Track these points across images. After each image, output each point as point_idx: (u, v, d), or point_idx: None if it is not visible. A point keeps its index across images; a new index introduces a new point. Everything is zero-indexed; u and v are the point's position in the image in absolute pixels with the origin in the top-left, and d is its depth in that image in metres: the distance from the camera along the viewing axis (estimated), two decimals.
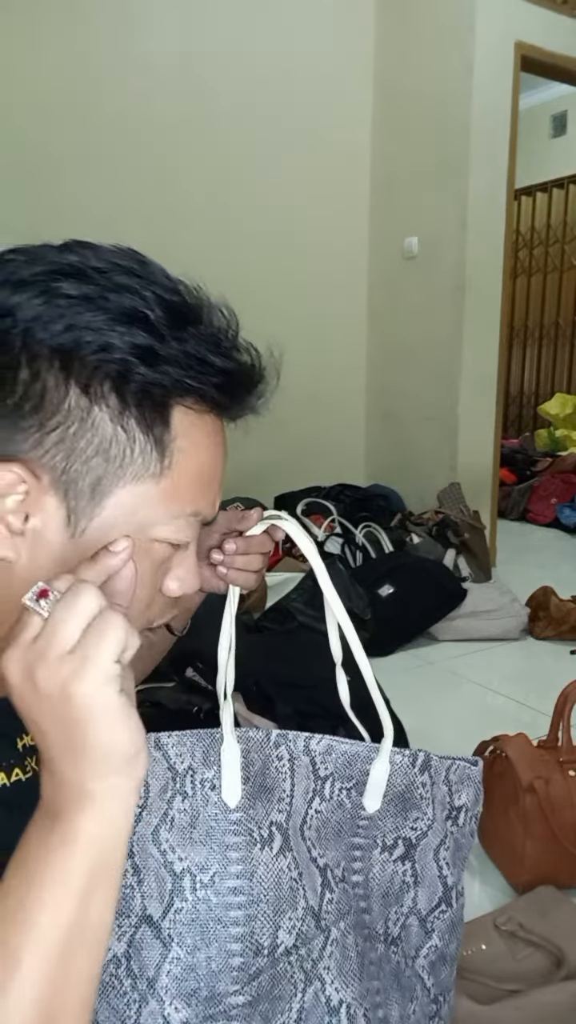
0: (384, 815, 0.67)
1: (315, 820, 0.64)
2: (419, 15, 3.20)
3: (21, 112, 2.65)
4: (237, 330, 0.51)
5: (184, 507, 0.49)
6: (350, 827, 0.66)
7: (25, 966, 0.39)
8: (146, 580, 0.49)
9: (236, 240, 3.20)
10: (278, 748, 0.64)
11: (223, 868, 0.59)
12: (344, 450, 3.73)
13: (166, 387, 0.46)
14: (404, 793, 0.67)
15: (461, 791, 0.71)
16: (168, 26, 2.92)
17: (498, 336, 3.28)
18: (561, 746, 1.32)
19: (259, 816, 0.62)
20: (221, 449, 0.53)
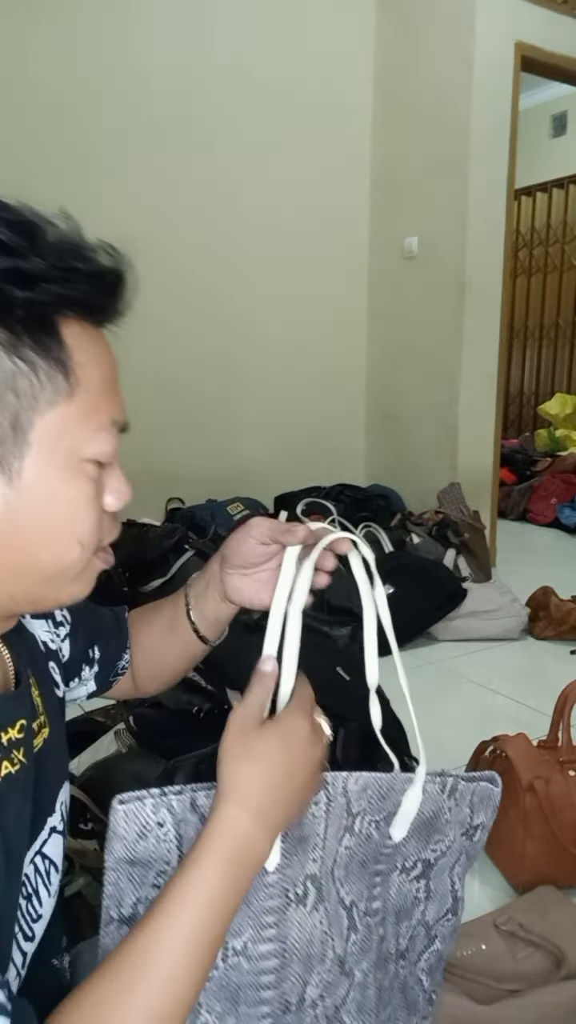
0: (407, 840, 0.65)
1: (344, 857, 0.62)
2: (419, 15, 3.20)
3: (21, 112, 2.65)
4: (82, 233, 0.50)
5: (103, 419, 0.50)
6: (374, 856, 0.64)
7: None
8: (93, 502, 0.50)
9: (236, 240, 3.20)
10: (317, 793, 0.61)
11: (257, 933, 0.57)
12: (344, 450, 3.73)
13: (46, 303, 0.46)
14: (431, 820, 0.66)
15: (480, 811, 0.69)
16: (168, 26, 2.92)
17: (498, 336, 3.28)
18: (561, 746, 1.32)
19: (295, 873, 0.59)
20: (111, 355, 0.53)
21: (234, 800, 0.52)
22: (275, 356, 3.39)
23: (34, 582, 0.50)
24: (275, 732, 0.55)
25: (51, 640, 0.67)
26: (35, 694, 0.59)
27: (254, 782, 0.52)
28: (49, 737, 0.59)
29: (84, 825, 1.21)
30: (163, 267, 3.03)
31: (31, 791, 0.53)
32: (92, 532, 0.51)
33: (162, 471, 3.15)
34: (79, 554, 0.50)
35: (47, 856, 0.57)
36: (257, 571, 0.68)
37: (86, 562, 0.52)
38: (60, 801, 0.61)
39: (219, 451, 3.30)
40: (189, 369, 3.17)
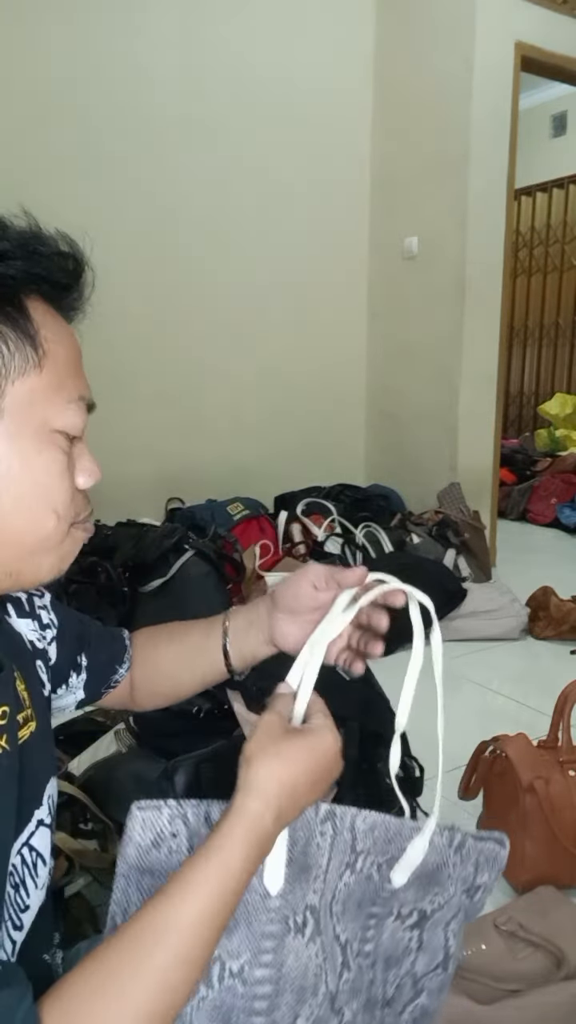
0: (407, 888, 0.65)
1: (342, 894, 0.63)
2: (419, 15, 3.20)
3: (21, 112, 2.65)
4: (41, 225, 0.54)
5: (71, 393, 0.52)
6: (372, 898, 0.64)
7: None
8: (64, 472, 0.52)
9: (236, 240, 3.20)
10: (324, 824, 0.61)
11: (254, 957, 0.57)
12: (344, 450, 3.73)
13: (15, 279, 0.49)
14: (434, 872, 0.66)
15: (485, 870, 0.69)
16: (168, 26, 2.92)
17: (498, 336, 3.28)
18: (561, 746, 1.32)
19: (296, 901, 0.59)
20: (75, 339, 0.56)
21: (261, 797, 0.53)
22: (275, 356, 3.39)
23: (12, 555, 0.52)
24: (307, 742, 0.56)
25: (38, 640, 0.68)
26: (20, 688, 0.59)
27: (284, 784, 0.54)
28: (36, 732, 0.60)
29: (84, 825, 1.21)
30: (163, 267, 3.03)
31: (14, 779, 0.54)
32: (66, 502, 0.53)
33: (162, 471, 3.15)
34: (55, 524, 0.52)
35: (34, 848, 0.58)
36: (307, 617, 0.69)
37: (64, 534, 0.54)
38: (47, 795, 0.61)
39: (219, 451, 3.30)
40: (189, 369, 3.17)
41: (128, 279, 2.93)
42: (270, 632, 0.71)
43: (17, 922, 0.55)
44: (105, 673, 0.77)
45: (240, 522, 3.01)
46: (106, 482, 0.58)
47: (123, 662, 0.78)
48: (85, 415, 0.54)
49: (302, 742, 0.56)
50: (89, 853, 1.16)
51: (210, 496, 3.15)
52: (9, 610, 0.66)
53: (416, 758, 1.39)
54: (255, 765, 0.54)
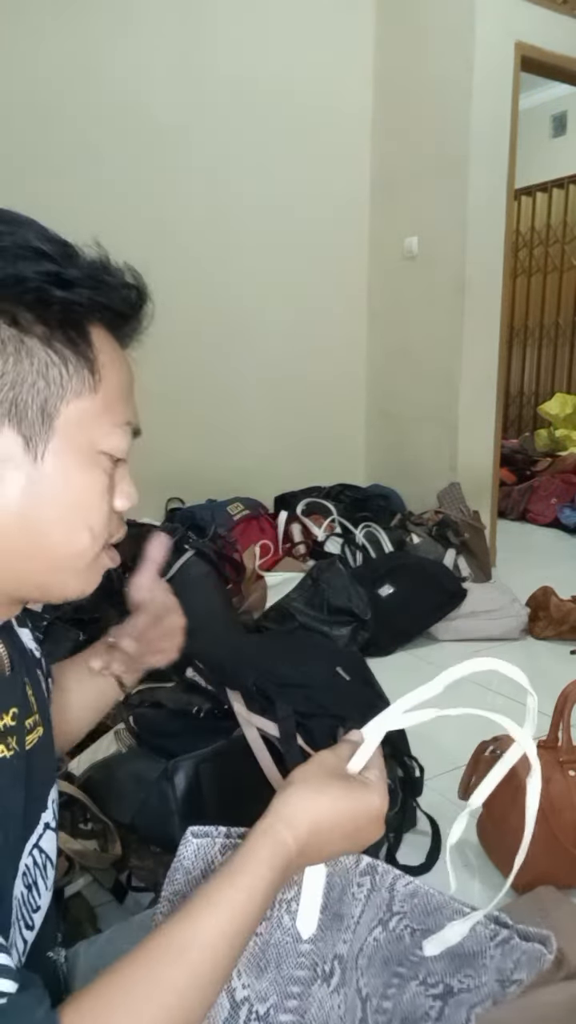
0: (438, 959, 0.63)
1: (370, 947, 0.61)
2: (419, 15, 3.20)
3: (21, 112, 2.65)
4: (110, 257, 0.57)
5: (119, 417, 0.54)
6: (399, 958, 0.63)
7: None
8: (104, 493, 0.54)
9: (236, 240, 3.20)
10: (362, 876, 0.60)
11: (281, 1001, 0.56)
12: (344, 450, 3.73)
13: (81, 305, 0.51)
14: (469, 956, 0.64)
15: (524, 968, 0.66)
16: (167, 26, 2.92)
17: (498, 336, 3.28)
18: (561, 746, 1.32)
19: (326, 949, 0.58)
20: (129, 367, 0.59)
21: (292, 828, 0.52)
22: (275, 356, 3.39)
23: (43, 567, 0.53)
24: (354, 792, 0.55)
25: (35, 650, 0.69)
26: (29, 693, 0.60)
27: (317, 824, 0.53)
28: (43, 737, 0.61)
29: (84, 825, 1.21)
30: (162, 267, 3.02)
31: (23, 781, 0.55)
32: (102, 522, 0.54)
33: (162, 471, 3.15)
34: (89, 542, 0.54)
35: (43, 850, 0.58)
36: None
37: (95, 555, 0.55)
38: (51, 799, 0.62)
39: (219, 451, 3.30)
40: (189, 369, 3.17)
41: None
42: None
43: (29, 922, 0.55)
44: None
45: (240, 522, 3.01)
46: None
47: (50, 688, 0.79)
48: (130, 439, 0.56)
49: (349, 790, 0.55)
50: (89, 853, 1.16)
51: (210, 496, 3.15)
52: (11, 620, 0.66)
53: (416, 758, 1.40)
54: (295, 794, 0.53)
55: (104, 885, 1.22)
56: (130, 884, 1.19)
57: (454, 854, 1.41)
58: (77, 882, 1.15)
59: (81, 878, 1.16)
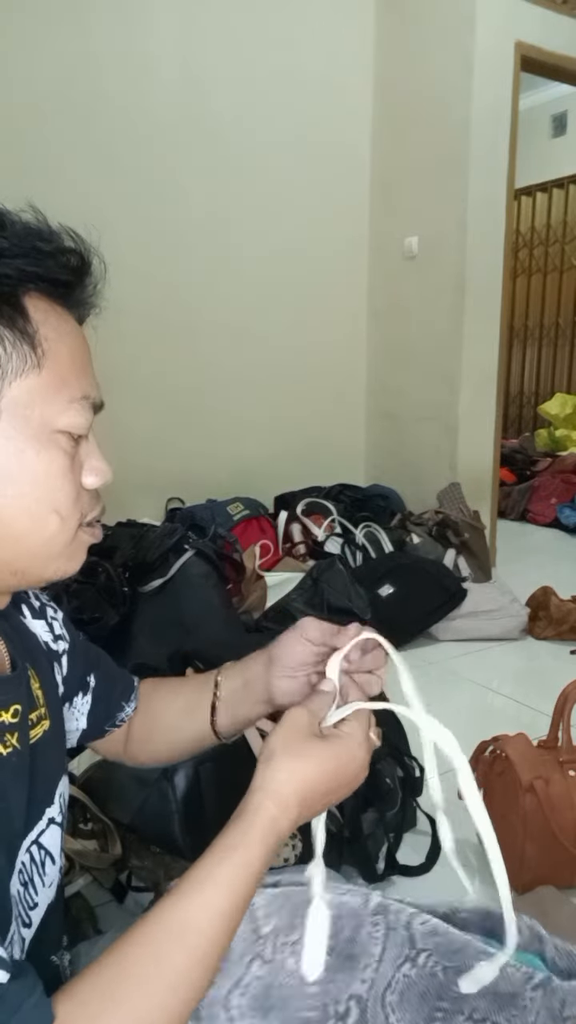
0: (480, 996, 0.61)
1: (401, 984, 0.59)
2: (419, 15, 3.20)
3: (21, 112, 2.64)
4: (47, 221, 0.53)
5: (73, 392, 0.51)
6: (437, 993, 0.61)
7: None
8: (67, 473, 0.52)
9: (236, 240, 3.20)
10: (375, 916, 0.59)
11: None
12: (344, 450, 3.73)
13: (11, 277, 0.48)
14: (509, 997, 0.62)
15: (574, 1005, 0.63)
16: (168, 26, 2.92)
17: (498, 336, 3.28)
18: (561, 746, 1.32)
19: (338, 990, 0.57)
20: (82, 336, 0.55)
21: (280, 801, 0.51)
22: (275, 356, 3.39)
23: (16, 555, 0.51)
24: (334, 749, 0.55)
25: (52, 642, 0.68)
26: (35, 687, 0.59)
27: (303, 790, 0.52)
28: (49, 731, 0.60)
29: (84, 825, 1.21)
30: (161, 266, 3.03)
31: (26, 777, 0.54)
32: (70, 503, 0.52)
33: (162, 471, 3.15)
34: (58, 525, 0.52)
35: (43, 846, 0.57)
36: (304, 672, 0.67)
37: (70, 535, 0.53)
38: (59, 793, 0.61)
39: (219, 451, 3.30)
40: (189, 369, 3.17)
41: (127, 279, 2.93)
42: (268, 690, 0.68)
43: (26, 919, 0.54)
44: (112, 708, 0.75)
45: (240, 522, 3.01)
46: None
47: (131, 700, 0.76)
48: (90, 414, 0.53)
49: (330, 748, 0.54)
50: (89, 853, 1.16)
51: (210, 496, 3.15)
52: (24, 611, 0.66)
53: (416, 758, 1.40)
54: (275, 765, 0.52)
55: (104, 885, 1.22)
56: (130, 884, 1.19)
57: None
58: (77, 882, 1.15)
59: (81, 878, 1.16)
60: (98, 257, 0.56)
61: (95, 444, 0.56)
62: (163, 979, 0.45)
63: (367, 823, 1.28)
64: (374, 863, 1.28)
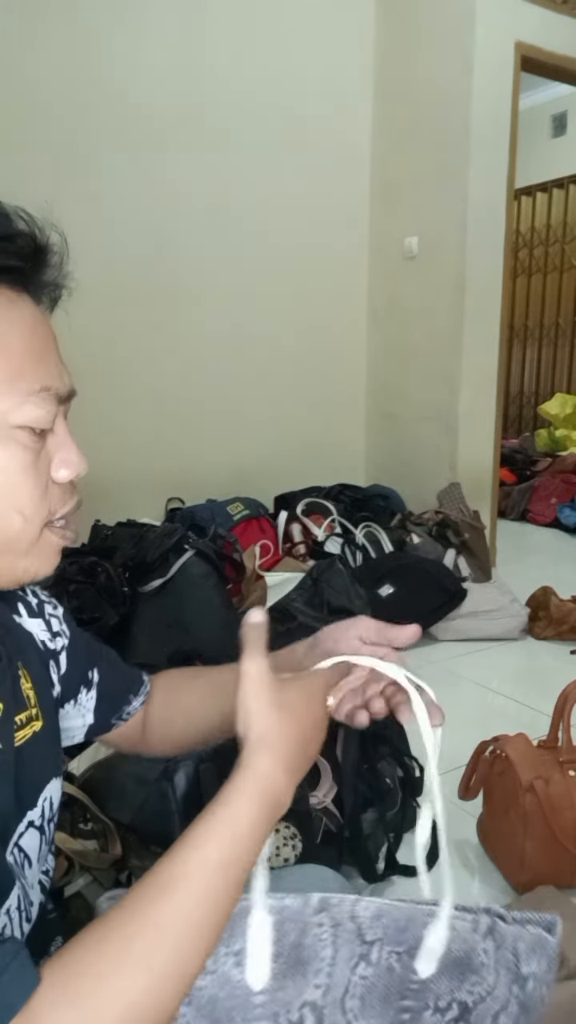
0: (438, 978, 0.60)
1: (359, 988, 0.58)
2: (419, 16, 3.20)
3: (21, 112, 2.64)
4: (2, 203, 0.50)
5: (31, 384, 0.49)
6: (399, 991, 0.59)
7: None
8: (29, 469, 0.49)
9: (236, 240, 3.20)
10: (319, 915, 0.57)
11: None
12: (344, 450, 3.73)
13: None
14: (463, 959, 0.60)
15: (531, 959, 0.62)
16: (168, 27, 2.92)
17: (498, 336, 3.28)
18: (561, 746, 1.32)
19: (289, 997, 0.55)
20: (41, 323, 0.51)
21: (270, 753, 0.51)
22: (275, 356, 3.39)
23: None
24: (302, 687, 0.55)
25: (48, 640, 0.67)
26: (26, 687, 0.58)
27: (289, 734, 0.52)
28: (40, 732, 0.58)
29: (84, 825, 1.21)
30: (161, 266, 3.03)
31: (11, 777, 0.53)
32: (34, 501, 0.50)
33: (162, 471, 3.15)
34: (21, 524, 0.50)
35: (22, 848, 0.56)
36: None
37: (35, 535, 0.51)
38: (44, 797, 0.59)
39: (219, 451, 3.30)
40: (189, 369, 3.17)
41: (127, 279, 2.93)
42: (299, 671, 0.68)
43: None
44: (118, 701, 0.74)
45: (240, 522, 3.01)
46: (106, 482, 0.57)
47: (138, 694, 0.75)
48: (52, 406, 0.50)
49: (299, 688, 0.55)
50: (89, 853, 1.16)
51: (210, 496, 3.15)
52: (20, 610, 0.64)
53: (416, 758, 1.40)
54: (257, 719, 0.51)
55: (104, 885, 1.22)
56: (130, 884, 1.19)
57: (453, 855, 1.41)
58: (77, 882, 1.15)
59: (81, 878, 1.16)
60: (58, 234, 0.52)
61: (67, 435, 0.53)
62: (147, 940, 0.42)
63: (367, 823, 1.28)
64: (374, 863, 1.29)
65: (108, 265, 2.85)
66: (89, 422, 2.85)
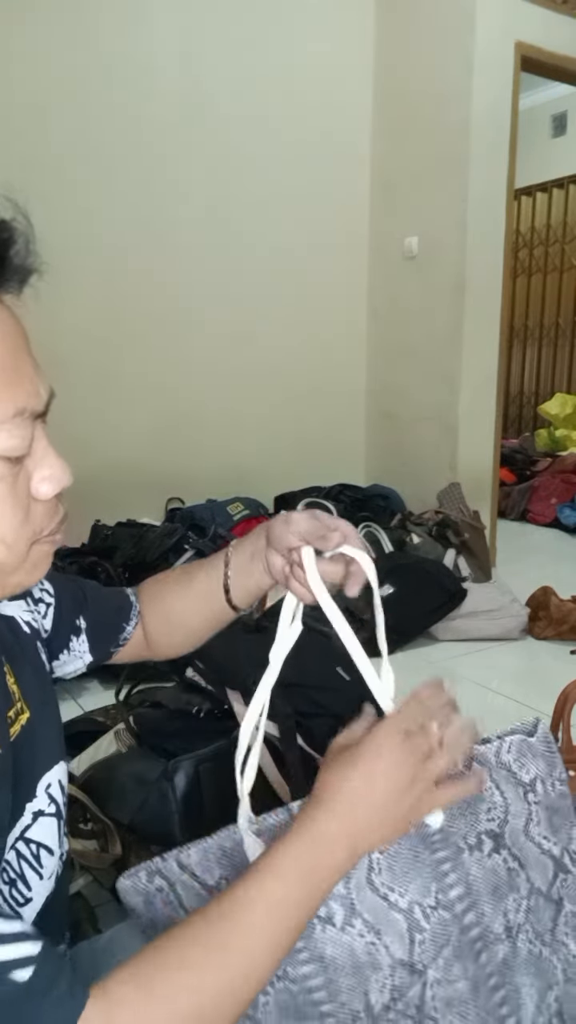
0: (452, 821, 0.62)
1: (382, 863, 0.60)
2: (419, 15, 3.20)
3: (21, 112, 2.64)
4: None
5: (4, 411, 0.44)
6: (425, 847, 0.62)
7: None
8: (5, 499, 0.46)
9: (236, 240, 3.20)
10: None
11: (290, 958, 0.57)
12: (344, 450, 3.73)
13: None
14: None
15: (525, 765, 0.66)
16: (168, 26, 2.92)
17: (498, 336, 3.28)
18: (561, 746, 1.32)
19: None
20: (11, 329, 0.46)
21: (320, 805, 0.52)
22: (275, 356, 3.39)
23: None
24: (359, 745, 0.55)
25: (32, 620, 0.66)
26: (10, 682, 0.58)
27: (340, 790, 0.53)
28: (30, 723, 0.58)
29: (84, 825, 1.21)
30: (162, 267, 3.03)
31: (9, 777, 0.53)
32: (14, 528, 0.47)
33: (162, 471, 3.15)
34: (4, 553, 0.47)
35: (32, 840, 0.56)
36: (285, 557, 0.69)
37: (23, 555, 0.49)
38: (45, 784, 0.59)
39: (219, 451, 3.30)
40: (189, 369, 3.17)
41: (127, 279, 2.93)
42: (266, 564, 0.70)
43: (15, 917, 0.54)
44: (111, 632, 0.75)
45: (240, 522, 3.01)
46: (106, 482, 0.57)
47: (129, 619, 0.77)
48: (28, 429, 0.46)
49: (369, 741, 0.55)
50: (89, 853, 1.16)
51: (210, 496, 3.15)
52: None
53: None
54: (324, 774, 0.54)
55: (104, 885, 1.22)
56: None
57: None
58: (77, 882, 1.15)
59: (81, 878, 1.16)
60: (22, 215, 0.47)
61: (47, 447, 0.48)
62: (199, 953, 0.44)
63: None
64: None
65: (108, 265, 2.85)
66: (89, 422, 2.85)
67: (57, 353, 2.52)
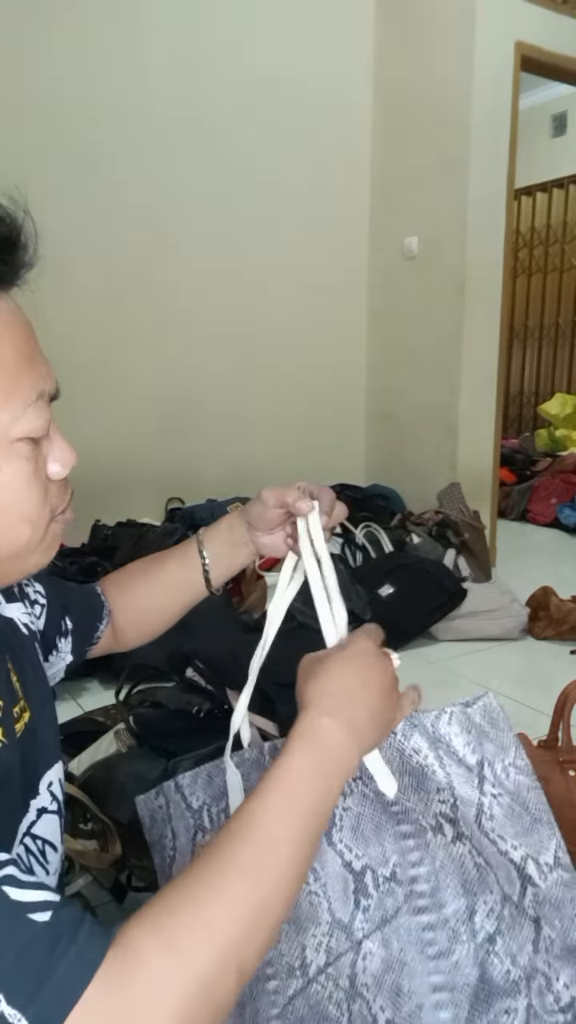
0: (407, 795, 0.61)
1: (345, 820, 0.61)
2: (419, 15, 3.20)
3: (21, 114, 2.64)
4: None
5: (27, 394, 0.47)
6: (388, 818, 0.62)
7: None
8: (31, 479, 0.49)
9: (236, 240, 3.20)
10: (273, 755, 0.63)
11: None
12: (344, 450, 3.73)
13: None
14: (404, 765, 0.61)
15: (469, 743, 0.62)
16: (168, 27, 2.92)
17: (498, 336, 3.28)
18: (561, 746, 1.32)
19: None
20: (23, 321, 0.49)
21: (315, 708, 0.54)
22: (275, 356, 3.39)
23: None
24: (343, 650, 0.59)
25: (31, 621, 0.67)
26: (14, 680, 0.58)
27: (333, 693, 0.55)
28: (32, 722, 0.59)
29: (84, 825, 1.21)
30: (162, 267, 3.03)
31: (18, 770, 0.54)
32: (39, 507, 0.50)
33: (162, 471, 3.15)
34: (30, 532, 0.50)
35: (38, 836, 0.57)
36: (278, 529, 0.75)
37: (43, 534, 0.52)
38: (47, 783, 0.60)
39: (219, 451, 3.30)
40: (189, 369, 3.17)
41: (127, 279, 2.93)
42: (256, 545, 0.76)
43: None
44: (87, 632, 0.77)
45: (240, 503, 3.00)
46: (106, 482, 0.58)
47: (102, 618, 0.78)
48: (47, 410, 0.49)
49: (339, 654, 0.58)
50: (89, 853, 1.16)
51: (210, 496, 3.15)
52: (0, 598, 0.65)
53: None
54: (302, 685, 0.56)
55: (104, 885, 1.22)
56: (130, 884, 1.19)
57: None
58: (77, 882, 1.15)
59: (81, 878, 1.16)
60: (26, 213, 0.48)
61: (55, 430, 0.52)
62: (228, 870, 0.44)
63: None
64: None
65: (108, 265, 2.85)
66: (89, 422, 2.85)
67: (57, 353, 2.51)
